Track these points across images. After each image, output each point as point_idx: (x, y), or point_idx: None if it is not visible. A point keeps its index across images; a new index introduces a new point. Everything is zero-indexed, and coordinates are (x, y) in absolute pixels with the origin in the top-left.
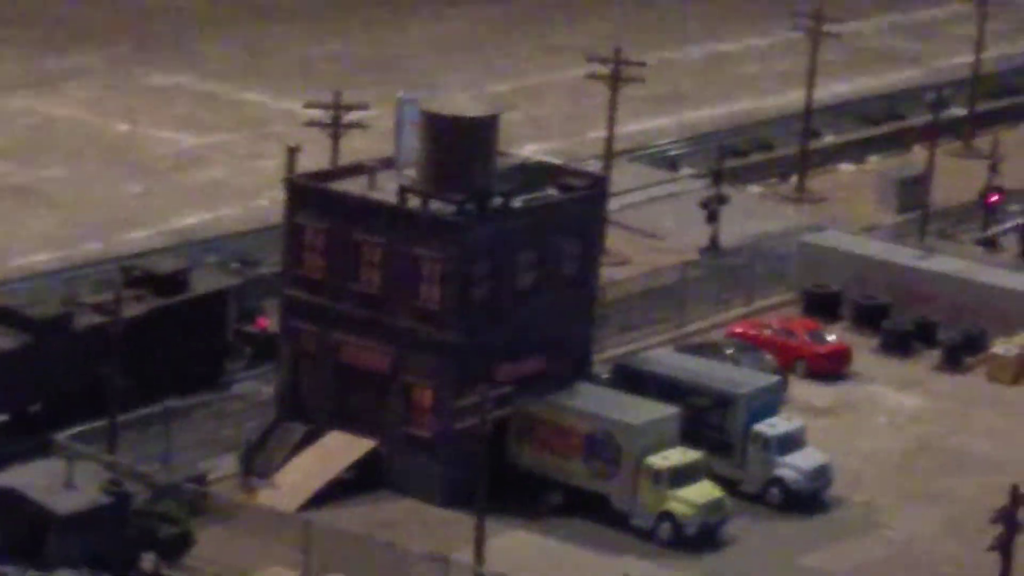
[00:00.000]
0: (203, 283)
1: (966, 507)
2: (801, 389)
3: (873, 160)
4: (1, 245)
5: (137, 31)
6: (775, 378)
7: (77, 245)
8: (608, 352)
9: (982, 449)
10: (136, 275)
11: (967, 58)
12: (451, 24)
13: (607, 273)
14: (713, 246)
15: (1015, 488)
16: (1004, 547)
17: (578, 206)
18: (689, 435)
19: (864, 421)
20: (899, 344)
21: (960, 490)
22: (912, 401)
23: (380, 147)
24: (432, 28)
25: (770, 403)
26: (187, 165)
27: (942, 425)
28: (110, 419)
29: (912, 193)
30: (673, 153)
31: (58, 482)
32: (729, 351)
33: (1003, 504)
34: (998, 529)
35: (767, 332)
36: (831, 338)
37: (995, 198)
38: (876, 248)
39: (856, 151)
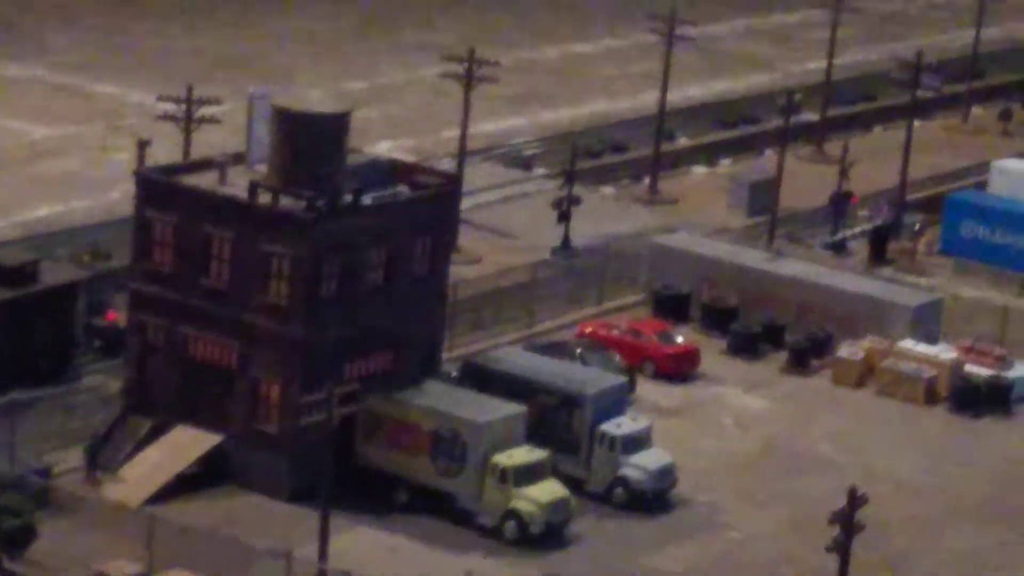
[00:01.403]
0: (52, 275)
1: (808, 508)
2: (649, 389)
3: (725, 163)
4: None
5: None
6: (622, 378)
7: None
8: (459, 350)
9: (826, 451)
10: None
11: (820, 63)
12: (308, 21)
13: (459, 271)
14: (565, 246)
15: (852, 490)
16: (842, 548)
17: (429, 204)
18: (536, 434)
19: (710, 422)
20: (746, 346)
21: (803, 491)
22: (758, 403)
23: (235, 142)
24: (289, 24)
25: (617, 403)
26: (39, 157)
27: (787, 427)
28: None
29: (764, 196)
30: (528, 153)
31: None
32: (578, 351)
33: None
34: (836, 530)
35: (616, 332)
36: (679, 339)
37: (855, 199)
38: (725, 250)
39: (709, 154)
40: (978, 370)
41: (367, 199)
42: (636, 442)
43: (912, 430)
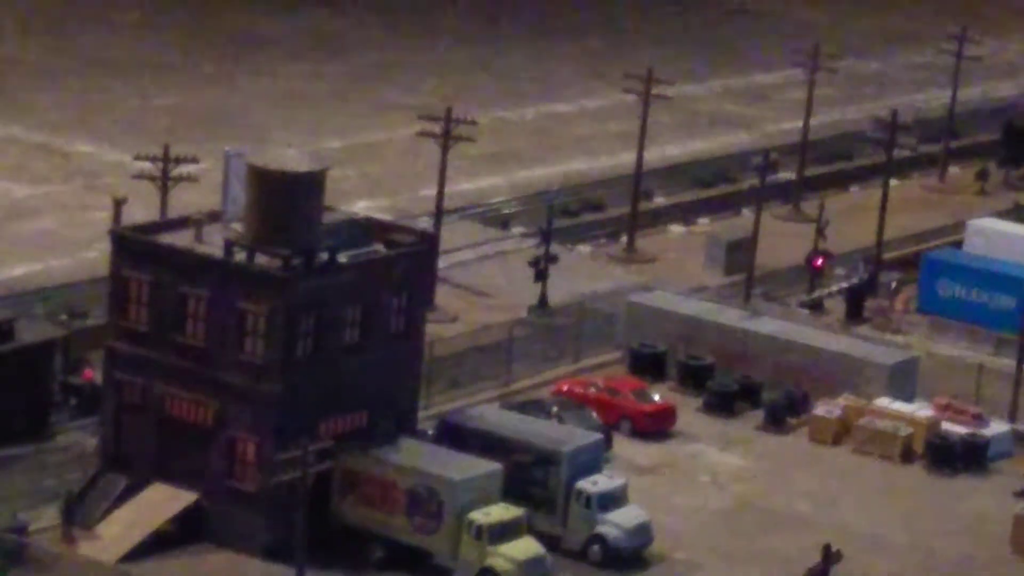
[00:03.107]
0: (28, 333)
1: (784, 566)
2: (625, 447)
3: (703, 222)
4: None
5: None
6: (598, 436)
7: None
8: (435, 408)
9: (802, 509)
10: None
11: (797, 123)
12: (286, 80)
13: (435, 330)
14: (541, 304)
15: (827, 547)
16: None
17: (405, 262)
18: (512, 491)
19: (687, 480)
20: (723, 404)
21: (779, 549)
22: (734, 460)
23: (211, 200)
24: (268, 83)
25: (593, 461)
26: (17, 215)
27: (763, 485)
28: None
29: (740, 255)
30: (505, 212)
31: None
32: (554, 409)
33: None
34: None
35: (592, 390)
36: (656, 397)
37: (820, 262)
38: (702, 308)
39: (686, 213)
40: (954, 428)
41: (343, 257)
42: (612, 500)
43: (888, 488)
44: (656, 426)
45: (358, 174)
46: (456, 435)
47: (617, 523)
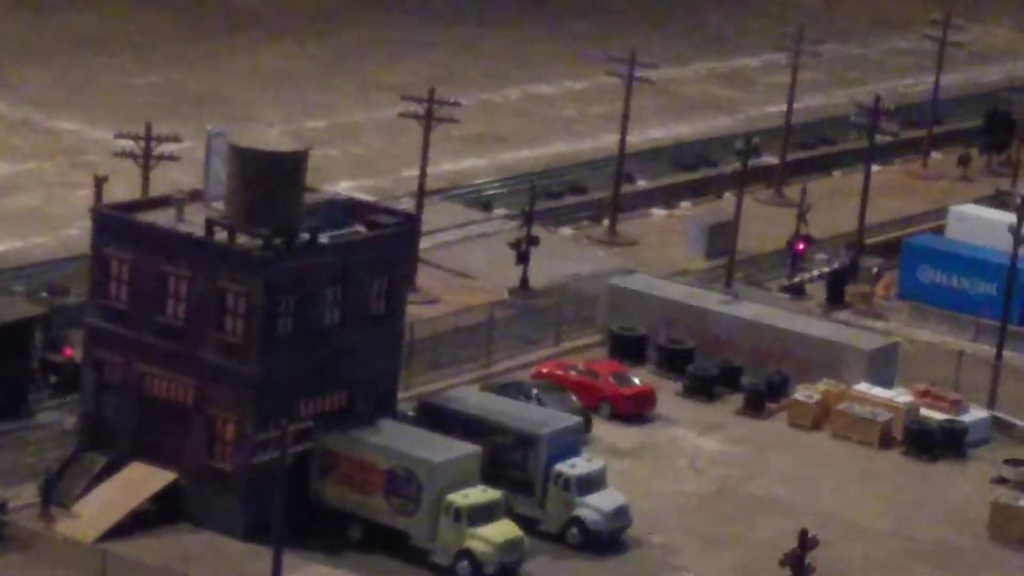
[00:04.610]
0: (9, 310)
1: (761, 551)
2: (605, 430)
3: (684, 205)
4: None
5: None
6: (577, 419)
7: None
8: (415, 389)
9: (780, 493)
10: None
11: (780, 107)
12: (270, 59)
13: (416, 311)
14: (523, 286)
15: (804, 532)
16: None
17: (386, 243)
18: (491, 474)
19: (666, 463)
20: (703, 388)
21: (756, 534)
22: (713, 445)
23: (193, 179)
24: (252, 63)
25: (572, 443)
26: None
27: (742, 469)
28: None
29: (722, 239)
30: (488, 193)
31: None
32: (534, 391)
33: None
34: (787, 572)
35: (573, 373)
36: (636, 380)
37: (802, 246)
38: (683, 292)
39: (668, 196)
40: (933, 414)
41: (324, 238)
42: (591, 483)
43: (867, 473)
44: (636, 409)
45: (341, 154)
46: (435, 417)
47: (596, 506)
